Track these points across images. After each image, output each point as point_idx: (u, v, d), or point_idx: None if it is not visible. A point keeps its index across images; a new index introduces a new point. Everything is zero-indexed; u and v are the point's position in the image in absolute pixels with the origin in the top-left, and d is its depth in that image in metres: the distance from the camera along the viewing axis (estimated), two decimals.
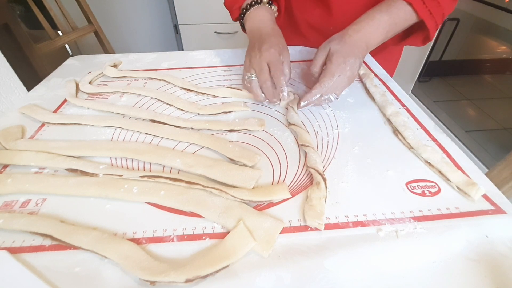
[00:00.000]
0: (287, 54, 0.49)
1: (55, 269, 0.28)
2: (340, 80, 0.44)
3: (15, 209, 0.34)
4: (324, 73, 0.44)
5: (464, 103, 1.49)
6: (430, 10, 0.46)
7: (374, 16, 0.47)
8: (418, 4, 0.46)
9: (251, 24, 0.54)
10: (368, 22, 0.47)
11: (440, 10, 0.47)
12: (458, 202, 0.34)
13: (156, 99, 0.53)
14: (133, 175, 0.36)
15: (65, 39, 1.14)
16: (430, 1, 0.46)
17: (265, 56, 0.47)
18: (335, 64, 0.43)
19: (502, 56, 1.43)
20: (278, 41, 0.49)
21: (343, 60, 0.44)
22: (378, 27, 0.47)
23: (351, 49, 0.44)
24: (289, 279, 0.27)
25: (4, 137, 0.42)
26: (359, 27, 0.47)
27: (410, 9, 0.47)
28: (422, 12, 0.46)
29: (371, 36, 0.47)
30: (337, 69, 0.43)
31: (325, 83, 0.43)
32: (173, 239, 0.31)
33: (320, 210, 0.32)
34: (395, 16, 0.47)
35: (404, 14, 0.47)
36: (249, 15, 0.55)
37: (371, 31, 0.47)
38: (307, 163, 0.39)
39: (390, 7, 0.47)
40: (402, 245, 0.30)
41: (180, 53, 0.71)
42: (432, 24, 0.48)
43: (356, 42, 0.45)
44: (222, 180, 0.36)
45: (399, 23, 0.48)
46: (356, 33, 0.46)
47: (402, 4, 0.47)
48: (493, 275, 0.27)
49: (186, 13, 1.59)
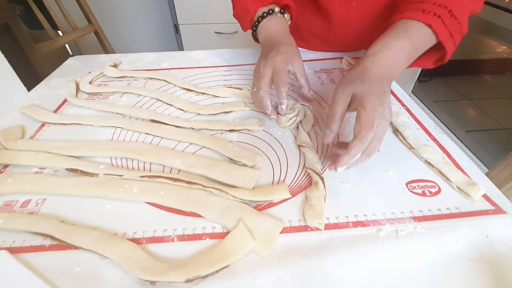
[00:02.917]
0: (298, 63, 0.45)
1: (55, 269, 0.28)
2: (381, 127, 0.33)
3: (15, 209, 0.34)
4: (360, 125, 0.33)
5: (464, 103, 1.49)
6: (451, 31, 0.40)
7: (392, 44, 0.39)
8: (438, 25, 0.39)
9: (264, 35, 0.51)
10: (387, 51, 0.39)
11: (460, 29, 0.41)
12: (458, 202, 0.34)
13: (156, 99, 0.53)
14: (133, 175, 0.36)
15: (65, 39, 1.14)
16: (451, 20, 0.39)
17: (269, 64, 0.43)
18: (372, 110, 0.33)
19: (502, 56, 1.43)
20: (287, 49, 0.45)
21: (379, 101, 0.34)
22: (399, 55, 0.39)
23: (381, 86, 0.35)
24: (289, 279, 0.27)
25: (4, 137, 0.42)
26: (378, 58, 0.38)
27: (430, 32, 0.40)
28: (442, 34, 0.40)
29: (394, 67, 0.39)
30: (375, 115, 0.33)
31: (366, 137, 0.32)
32: (173, 239, 0.31)
33: (320, 210, 0.32)
34: (415, 41, 0.40)
35: (424, 38, 0.40)
36: (262, 27, 0.52)
37: (392, 61, 0.39)
38: (306, 163, 0.39)
39: (407, 31, 0.40)
40: (402, 245, 0.30)
41: (180, 53, 0.71)
42: (451, 46, 0.41)
43: (381, 76, 0.37)
44: (222, 180, 0.36)
45: (420, 48, 0.41)
46: (377, 66, 0.37)
47: (420, 27, 0.40)
48: (493, 275, 0.27)
49: (186, 13, 1.59)
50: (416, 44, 0.40)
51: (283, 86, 0.42)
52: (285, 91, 0.42)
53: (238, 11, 0.55)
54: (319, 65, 0.64)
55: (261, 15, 0.51)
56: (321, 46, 0.69)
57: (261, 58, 0.46)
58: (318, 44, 0.69)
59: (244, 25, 0.55)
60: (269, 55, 0.44)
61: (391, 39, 0.40)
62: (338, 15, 0.59)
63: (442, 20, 0.39)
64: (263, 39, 0.51)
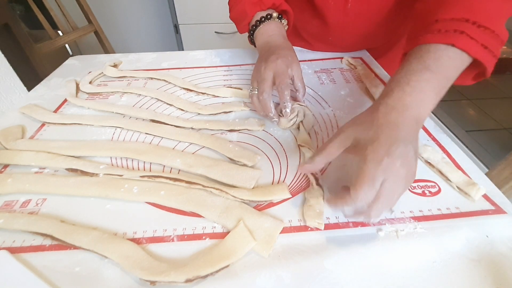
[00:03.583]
0: (297, 68, 0.45)
1: (55, 269, 0.28)
2: (391, 186, 0.26)
3: (15, 209, 0.34)
4: (357, 178, 0.27)
5: (464, 103, 1.49)
6: (484, 43, 0.32)
7: (410, 78, 0.32)
8: (465, 41, 0.32)
9: (261, 40, 0.51)
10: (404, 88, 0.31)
11: (496, 38, 0.33)
12: (458, 202, 0.34)
13: (156, 99, 0.53)
14: (133, 175, 0.36)
15: (65, 39, 1.14)
16: (480, 32, 0.32)
17: (270, 67, 0.43)
18: (374, 162, 0.27)
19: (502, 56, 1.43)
20: (287, 54, 0.45)
21: (385, 151, 0.27)
22: (421, 90, 0.31)
23: (395, 134, 0.28)
24: (289, 279, 0.27)
25: (4, 137, 0.42)
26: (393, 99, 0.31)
27: (456, 51, 0.32)
28: (473, 50, 0.32)
29: (418, 105, 0.31)
30: (377, 169, 0.26)
31: (360, 194, 0.26)
32: (173, 239, 0.31)
33: (319, 210, 0.32)
34: (439, 68, 0.32)
35: (450, 61, 0.33)
36: (259, 32, 0.51)
37: (414, 99, 0.31)
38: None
39: (424, 59, 0.33)
40: (402, 245, 0.30)
41: (180, 53, 0.71)
42: (489, 59, 0.33)
43: (398, 121, 0.29)
44: (222, 180, 0.36)
45: (450, 74, 0.33)
46: (392, 109, 0.30)
47: (441, 49, 0.32)
48: (493, 275, 0.27)
49: (186, 13, 1.59)
50: (441, 72, 0.32)
51: (286, 89, 0.42)
52: (288, 95, 0.42)
53: (235, 13, 0.55)
54: (319, 65, 0.64)
55: (259, 19, 0.51)
56: (321, 46, 0.69)
57: (260, 62, 0.46)
58: (317, 45, 0.69)
59: (241, 28, 0.55)
60: (269, 59, 0.44)
61: (407, 73, 0.32)
62: (334, 17, 0.59)
63: (467, 35, 0.32)
64: (261, 43, 0.51)
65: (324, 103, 0.52)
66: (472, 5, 0.34)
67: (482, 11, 0.34)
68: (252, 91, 0.45)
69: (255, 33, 0.52)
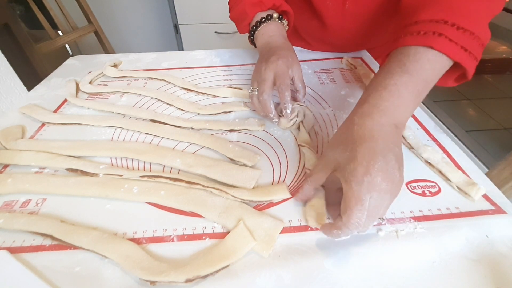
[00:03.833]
0: (297, 68, 0.45)
1: (55, 269, 0.28)
2: (376, 201, 0.26)
3: (15, 209, 0.34)
4: (345, 203, 0.27)
5: (464, 103, 1.49)
6: (464, 45, 0.32)
7: (387, 83, 0.32)
8: (443, 44, 0.31)
9: (261, 40, 0.51)
10: (381, 94, 0.31)
11: (476, 40, 0.32)
12: (458, 202, 0.34)
13: (156, 99, 0.53)
14: (133, 175, 0.36)
15: (65, 39, 1.14)
16: (459, 34, 0.32)
17: (271, 68, 0.43)
18: (355, 183, 0.26)
19: (502, 56, 1.43)
20: (288, 54, 0.45)
21: (363, 170, 0.26)
22: (399, 95, 0.31)
23: (369, 148, 0.28)
24: (289, 279, 0.27)
25: (4, 137, 0.42)
26: (369, 107, 0.31)
27: (436, 54, 0.32)
28: (452, 52, 0.32)
29: (396, 111, 0.31)
30: (361, 190, 0.26)
31: (352, 219, 0.26)
32: (173, 239, 0.31)
33: (321, 211, 0.32)
34: (418, 71, 0.32)
35: (430, 64, 0.32)
36: (259, 33, 0.51)
37: (391, 104, 0.31)
38: (305, 163, 0.39)
39: (404, 62, 0.32)
40: (402, 245, 0.30)
41: (180, 53, 0.71)
42: (470, 62, 0.33)
43: (373, 131, 0.29)
44: (222, 180, 0.36)
45: (429, 77, 0.32)
46: (367, 118, 0.30)
47: (420, 52, 0.32)
48: (493, 275, 0.27)
49: (186, 13, 1.59)
50: (420, 75, 0.32)
51: (287, 90, 0.42)
52: (289, 95, 0.42)
53: (235, 14, 0.55)
54: (319, 65, 0.64)
55: (259, 20, 0.51)
56: (320, 46, 0.69)
57: (260, 62, 0.46)
58: (317, 45, 0.69)
59: (241, 28, 0.55)
60: (270, 59, 0.44)
61: (385, 78, 0.32)
62: (332, 18, 0.59)
63: (446, 37, 0.31)
64: (261, 44, 0.51)
65: (324, 103, 0.52)
66: (451, 6, 0.33)
67: (462, 12, 0.33)
68: (252, 91, 0.45)
69: (255, 34, 0.52)
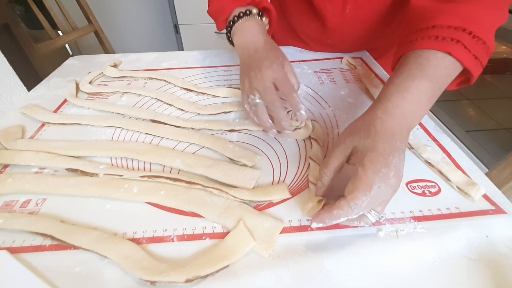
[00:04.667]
0: (288, 64, 0.43)
1: (55, 269, 0.28)
2: (380, 191, 0.27)
3: (15, 209, 0.34)
4: (353, 185, 0.28)
5: (464, 103, 1.49)
6: (476, 54, 0.33)
7: (409, 86, 0.32)
8: (460, 51, 0.33)
9: (239, 38, 0.46)
10: (403, 95, 0.32)
11: (486, 49, 0.34)
12: (458, 202, 0.34)
13: (156, 99, 0.53)
14: (133, 175, 0.36)
15: (65, 39, 1.14)
16: (474, 42, 0.33)
17: (268, 74, 0.39)
18: (372, 171, 0.27)
19: (502, 56, 1.43)
20: (277, 54, 0.43)
21: (383, 161, 0.27)
22: (419, 100, 0.32)
23: (390, 143, 0.29)
24: (289, 279, 0.27)
25: (4, 137, 0.42)
26: (392, 106, 0.31)
27: (451, 60, 0.33)
28: (466, 60, 0.33)
29: (413, 115, 0.32)
30: (375, 178, 0.27)
31: (356, 201, 0.27)
32: (173, 239, 0.31)
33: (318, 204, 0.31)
34: (437, 78, 0.33)
35: (446, 70, 0.33)
36: (237, 28, 0.47)
37: (411, 108, 0.31)
38: (309, 176, 0.38)
39: (424, 67, 0.33)
40: (402, 245, 0.30)
41: (180, 53, 0.71)
42: (477, 69, 0.34)
43: (394, 129, 0.30)
44: (222, 180, 0.36)
45: (443, 84, 0.34)
46: (390, 116, 0.31)
47: (438, 58, 0.33)
48: (493, 275, 0.27)
49: (186, 13, 1.59)
50: (438, 81, 0.33)
51: (294, 92, 0.39)
52: (297, 96, 0.39)
53: (213, 9, 0.51)
54: (319, 65, 0.64)
55: (237, 14, 0.47)
56: (320, 48, 0.69)
57: (251, 69, 0.41)
58: (316, 47, 0.69)
59: (219, 24, 0.50)
60: (263, 65, 0.40)
61: (407, 79, 0.33)
62: (332, 21, 0.59)
63: (462, 44, 0.32)
64: (240, 41, 0.46)
65: (324, 103, 0.52)
66: (470, 14, 0.34)
67: (477, 20, 0.34)
68: (252, 100, 0.41)
69: (233, 30, 0.47)
